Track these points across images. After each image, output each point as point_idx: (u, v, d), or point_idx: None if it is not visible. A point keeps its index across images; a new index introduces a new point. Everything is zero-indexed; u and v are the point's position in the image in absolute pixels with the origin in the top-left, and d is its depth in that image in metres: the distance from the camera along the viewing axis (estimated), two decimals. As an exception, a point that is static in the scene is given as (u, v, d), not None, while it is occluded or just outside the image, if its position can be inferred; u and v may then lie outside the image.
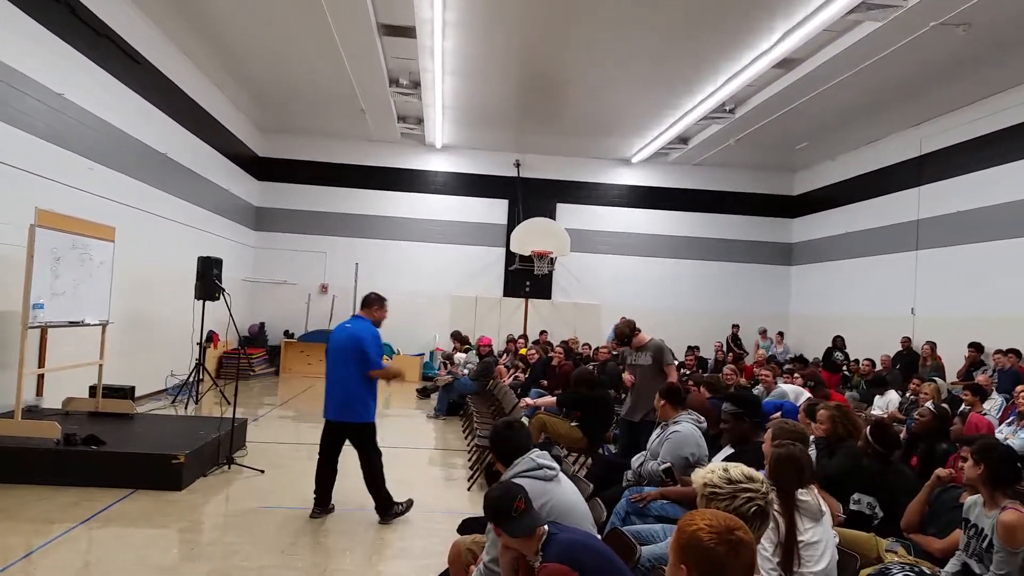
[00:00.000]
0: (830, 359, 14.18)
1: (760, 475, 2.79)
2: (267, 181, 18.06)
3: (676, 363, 8.34)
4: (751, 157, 17.50)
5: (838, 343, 14.86)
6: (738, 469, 2.76)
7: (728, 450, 5.03)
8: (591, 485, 4.57)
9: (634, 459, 5.60)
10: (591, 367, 10.19)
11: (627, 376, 7.28)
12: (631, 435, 6.97)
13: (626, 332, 7.32)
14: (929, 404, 6.56)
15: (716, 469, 2.75)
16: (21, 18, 7.95)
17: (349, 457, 9.02)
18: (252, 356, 15.92)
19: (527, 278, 17.81)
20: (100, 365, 8.51)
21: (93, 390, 8.68)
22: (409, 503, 6.30)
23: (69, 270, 7.71)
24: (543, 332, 17.07)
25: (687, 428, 5.30)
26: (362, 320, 6.34)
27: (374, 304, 6.45)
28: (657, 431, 5.61)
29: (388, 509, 6.10)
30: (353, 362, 6.10)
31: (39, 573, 4.68)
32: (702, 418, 5.54)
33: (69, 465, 6.62)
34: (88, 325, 8.27)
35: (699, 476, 2.75)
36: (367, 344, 6.13)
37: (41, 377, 8.49)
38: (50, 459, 6.62)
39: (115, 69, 10.10)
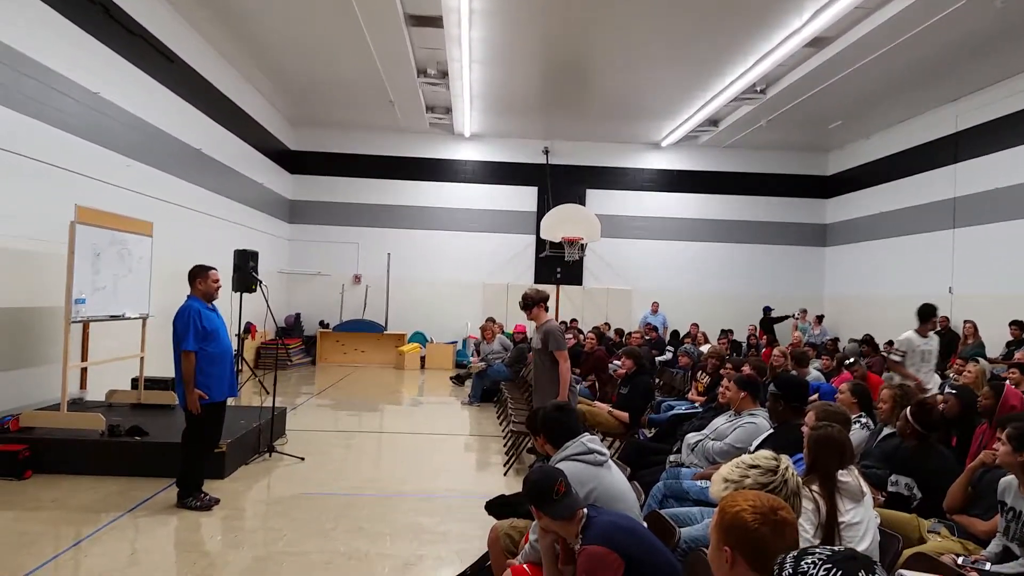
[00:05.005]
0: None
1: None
2: (299, 174, 18.25)
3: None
4: (783, 138, 17.28)
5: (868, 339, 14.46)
6: (761, 460, 2.79)
7: (768, 431, 5.02)
8: (628, 468, 4.58)
9: (689, 436, 5.59)
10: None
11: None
12: None
13: (530, 295, 6.63)
14: (940, 389, 6.42)
15: (747, 473, 2.71)
16: (57, 20, 8.09)
17: (385, 443, 9.15)
18: (289, 346, 16.13)
19: (558, 265, 17.78)
20: (141, 358, 8.69)
21: (135, 382, 8.86)
22: (212, 501, 5.98)
23: (109, 265, 7.87)
24: (573, 320, 17.05)
25: (763, 424, 5.26)
26: (189, 299, 6.05)
27: (196, 277, 6.09)
28: (727, 416, 5.58)
29: (184, 496, 5.89)
30: (175, 343, 5.92)
31: (89, 560, 4.80)
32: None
33: (114, 456, 6.79)
34: (129, 319, 8.44)
35: (726, 485, 2.68)
36: (175, 325, 5.91)
37: (84, 370, 8.65)
38: (96, 450, 6.79)
39: (149, 67, 10.25)
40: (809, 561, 1.64)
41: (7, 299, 7.52)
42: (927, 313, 8.12)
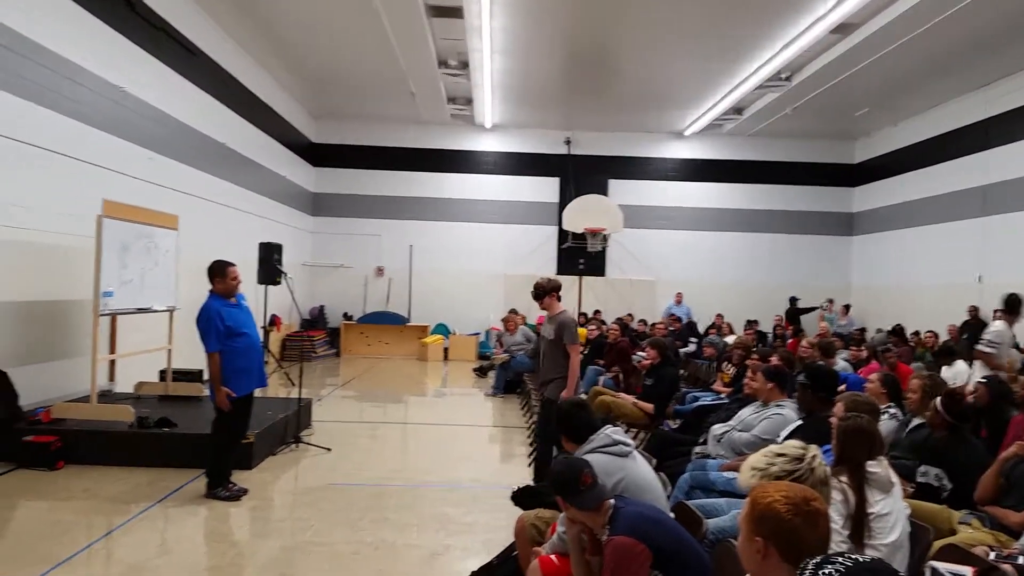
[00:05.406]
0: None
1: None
2: (322, 167, 18.31)
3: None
4: (809, 126, 17.05)
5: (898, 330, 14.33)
6: (788, 448, 2.80)
7: (796, 422, 4.98)
8: (654, 459, 4.56)
9: (715, 427, 5.55)
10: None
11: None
12: (547, 412, 6.37)
13: (541, 284, 6.60)
14: (979, 377, 6.34)
15: (773, 461, 2.73)
16: (81, 14, 8.17)
17: (409, 434, 9.19)
18: (314, 338, 16.25)
19: (580, 256, 17.72)
20: (169, 350, 8.78)
21: (163, 374, 8.96)
22: (240, 491, 6.03)
23: (136, 259, 7.95)
24: (597, 311, 17.00)
25: (791, 415, 5.22)
26: (209, 298, 6.03)
27: (215, 275, 6.07)
28: (754, 407, 5.54)
29: (213, 487, 5.95)
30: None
31: (121, 550, 4.88)
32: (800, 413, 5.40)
33: (143, 447, 6.87)
34: (156, 311, 8.53)
35: (753, 473, 2.71)
36: (198, 327, 5.92)
37: (112, 363, 8.79)
38: (125, 441, 6.87)
39: (172, 61, 10.32)
40: (827, 572, 1.62)
41: (37, 292, 7.63)
42: (1016, 303, 7.92)
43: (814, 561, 1.68)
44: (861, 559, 1.65)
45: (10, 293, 7.26)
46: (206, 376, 6.60)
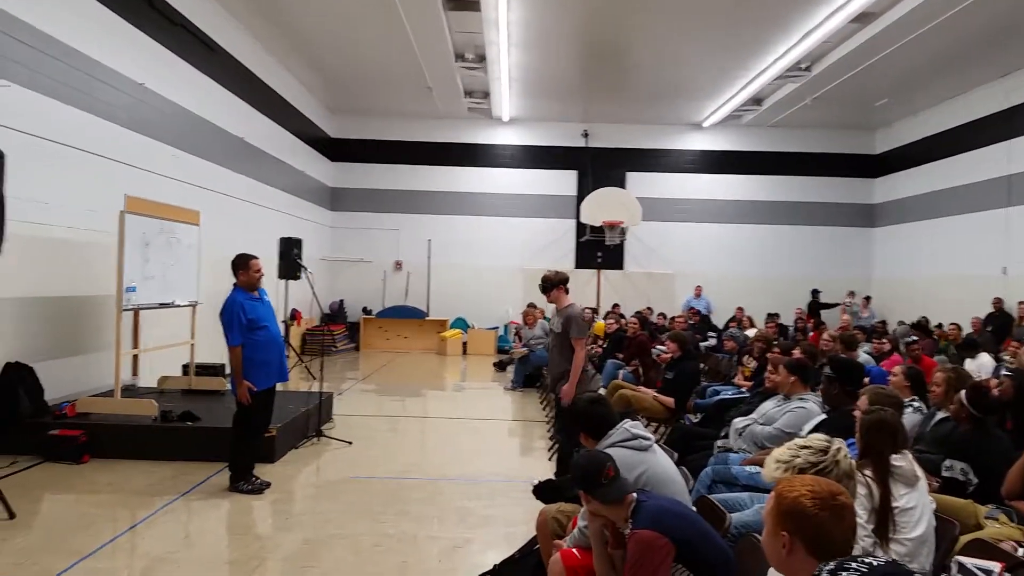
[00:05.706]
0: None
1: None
2: (340, 162, 18.38)
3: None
4: (829, 116, 16.89)
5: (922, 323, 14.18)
6: (812, 440, 2.80)
7: (820, 416, 4.94)
8: (675, 453, 4.55)
9: (737, 421, 5.53)
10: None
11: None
12: (561, 408, 6.36)
13: (549, 277, 6.46)
14: (1002, 370, 6.28)
15: (798, 453, 2.73)
16: (101, 11, 8.23)
17: (429, 428, 9.22)
18: (334, 332, 16.33)
19: (598, 249, 17.69)
20: (192, 344, 8.86)
21: (186, 368, 9.03)
22: (263, 484, 6.08)
23: (158, 254, 8.02)
24: (615, 305, 16.94)
25: (814, 409, 5.18)
26: (233, 291, 6.10)
27: (238, 268, 6.15)
28: (775, 400, 5.51)
29: (235, 480, 6.00)
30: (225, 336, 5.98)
31: (145, 543, 4.94)
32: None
33: (167, 441, 6.95)
34: (178, 306, 8.60)
35: (777, 465, 2.70)
36: (222, 320, 5.98)
37: (136, 357, 8.86)
38: (149, 435, 6.95)
39: (192, 58, 10.38)
40: None
41: (61, 288, 7.72)
42: None
43: (828, 568, 1.67)
44: (876, 563, 1.64)
45: (34, 289, 7.35)
46: (228, 370, 6.65)
